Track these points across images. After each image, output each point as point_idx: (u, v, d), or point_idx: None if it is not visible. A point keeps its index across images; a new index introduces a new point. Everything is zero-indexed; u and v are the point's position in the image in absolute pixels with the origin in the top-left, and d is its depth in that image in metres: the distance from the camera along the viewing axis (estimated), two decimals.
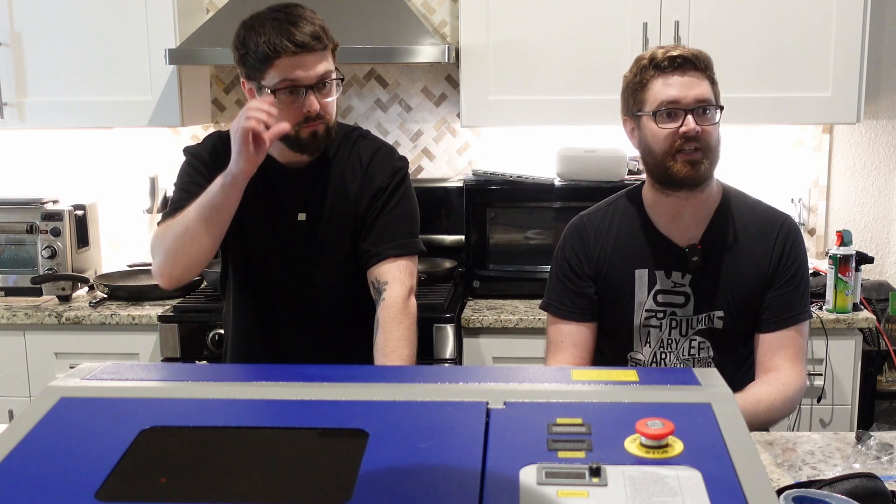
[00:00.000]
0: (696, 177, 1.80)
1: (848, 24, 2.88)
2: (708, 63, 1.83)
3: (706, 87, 1.80)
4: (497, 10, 2.96)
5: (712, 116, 1.81)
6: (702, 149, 1.79)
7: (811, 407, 2.83)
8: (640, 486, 0.90)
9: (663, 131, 1.80)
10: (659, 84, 1.80)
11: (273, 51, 1.77)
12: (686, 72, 1.79)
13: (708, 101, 1.80)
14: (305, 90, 1.80)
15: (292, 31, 1.78)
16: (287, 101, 1.81)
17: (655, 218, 1.92)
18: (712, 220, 1.90)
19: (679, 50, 1.81)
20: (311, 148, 1.88)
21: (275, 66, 1.79)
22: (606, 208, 2.00)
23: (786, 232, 1.90)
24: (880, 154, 3.32)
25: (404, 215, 1.97)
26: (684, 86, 1.78)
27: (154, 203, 3.38)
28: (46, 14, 3.07)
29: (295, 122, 1.83)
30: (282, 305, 2.03)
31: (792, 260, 1.89)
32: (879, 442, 1.65)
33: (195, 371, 1.33)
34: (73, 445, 1.02)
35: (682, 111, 1.78)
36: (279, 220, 1.97)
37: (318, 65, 1.81)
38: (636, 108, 1.85)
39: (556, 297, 1.99)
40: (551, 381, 1.17)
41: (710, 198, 1.90)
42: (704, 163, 1.80)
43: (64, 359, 2.94)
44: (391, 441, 1.00)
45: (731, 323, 1.89)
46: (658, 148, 1.81)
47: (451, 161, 3.40)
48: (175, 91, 3.08)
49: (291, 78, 1.79)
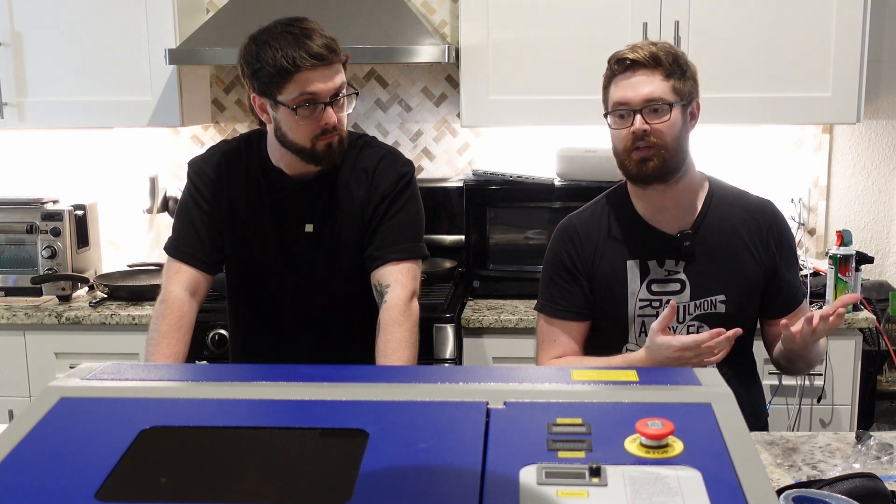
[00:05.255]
0: (648, 173, 1.85)
1: (848, 24, 2.87)
2: (661, 59, 1.83)
3: (657, 84, 1.83)
4: (497, 10, 2.96)
5: (664, 114, 1.83)
6: (654, 146, 1.83)
7: (811, 407, 2.83)
8: (640, 486, 0.90)
9: (616, 132, 1.87)
10: (612, 86, 1.88)
11: (293, 64, 1.77)
12: (636, 72, 1.84)
13: (658, 100, 1.82)
14: (324, 104, 1.81)
15: (308, 44, 1.78)
16: (306, 115, 1.82)
17: (643, 210, 1.96)
18: (702, 208, 1.94)
19: (634, 53, 1.83)
20: (326, 160, 1.89)
21: (294, 80, 1.79)
22: (594, 207, 2.03)
23: (774, 219, 1.98)
24: (880, 154, 3.32)
25: (408, 220, 1.97)
26: (632, 86, 1.83)
27: (154, 203, 3.38)
28: (46, 14, 3.07)
29: (312, 134, 1.84)
30: (286, 314, 2.03)
31: (785, 243, 1.97)
32: (879, 442, 1.65)
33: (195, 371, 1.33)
34: (73, 445, 1.02)
35: (632, 111, 1.83)
36: (286, 232, 1.98)
37: (335, 77, 1.82)
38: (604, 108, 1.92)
39: (549, 297, 2.01)
40: (551, 381, 1.17)
41: (689, 188, 1.93)
42: (655, 159, 1.84)
43: (64, 359, 2.94)
44: (391, 441, 1.00)
45: (734, 307, 1.92)
46: (616, 147, 1.89)
47: (451, 161, 3.40)
48: (175, 91, 3.08)
49: (310, 91, 1.80)
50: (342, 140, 1.89)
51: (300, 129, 1.84)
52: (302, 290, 2.00)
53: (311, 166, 1.93)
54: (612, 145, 1.91)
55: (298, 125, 1.83)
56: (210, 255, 1.97)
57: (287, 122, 1.85)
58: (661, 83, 1.83)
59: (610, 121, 1.88)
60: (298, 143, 1.86)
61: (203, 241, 1.96)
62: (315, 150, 1.86)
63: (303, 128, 1.83)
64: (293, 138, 1.86)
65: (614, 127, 1.87)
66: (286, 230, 1.98)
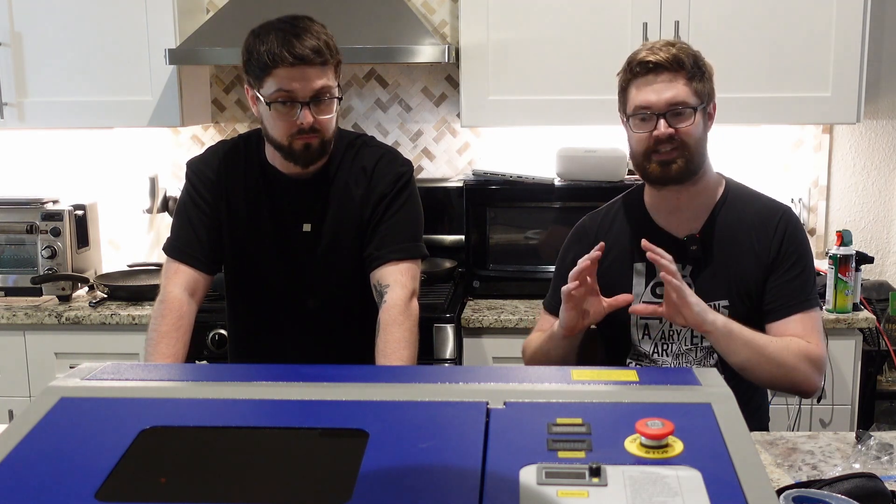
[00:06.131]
0: (670, 176, 1.85)
1: (848, 24, 2.87)
2: (684, 63, 1.82)
3: (680, 88, 1.82)
4: (497, 10, 2.96)
5: (688, 117, 1.83)
6: (677, 148, 1.83)
7: (811, 407, 2.83)
8: (640, 486, 0.90)
9: (637, 135, 1.86)
10: (633, 89, 1.86)
11: (272, 60, 1.79)
12: (659, 75, 1.82)
13: (681, 103, 1.82)
14: (301, 104, 1.82)
15: (294, 43, 1.79)
16: (282, 112, 1.83)
17: (655, 213, 1.95)
18: (713, 211, 1.93)
19: (656, 55, 1.82)
20: (303, 159, 1.90)
21: (272, 75, 1.81)
22: (610, 207, 2.04)
23: (785, 221, 1.92)
24: (880, 154, 3.32)
25: (407, 219, 1.97)
26: (656, 90, 1.82)
27: (154, 203, 3.38)
28: (46, 14, 3.07)
29: (288, 132, 1.85)
30: (285, 314, 2.03)
31: (793, 248, 1.90)
32: (879, 442, 1.65)
33: (195, 371, 1.33)
34: (73, 445, 1.02)
35: (654, 115, 1.82)
36: (283, 232, 1.98)
37: (316, 80, 1.82)
38: (621, 109, 1.90)
39: (552, 293, 2.02)
40: (551, 381, 1.17)
41: (706, 190, 1.93)
42: (678, 161, 1.83)
43: (64, 359, 2.94)
44: (391, 441, 1.00)
45: (736, 313, 1.90)
46: (636, 150, 1.88)
47: (451, 161, 3.40)
48: (175, 91, 3.08)
49: (287, 89, 1.81)
50: (324, 143, 1.89)
51: (276, 126, 1.86)
52: (300, 290, 2.00)
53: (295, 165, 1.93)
54: (631, 148, 1.90)
55: (275, 122, 1.85)
56: (209, 255, 1.98)
57: (266, 116, 1.88)
58: (683, 87, 1.82)
59: (631, 124, 1.86)
60: (276, 139, 1.89)
61: (202, 242, 1.97)
62: (292, 149, 1.88)
63: (279, 125, 1.85)
64: (272, 133, 1.89)
65: (636, 130, 1.86)
66: (284, 230, 1.98)
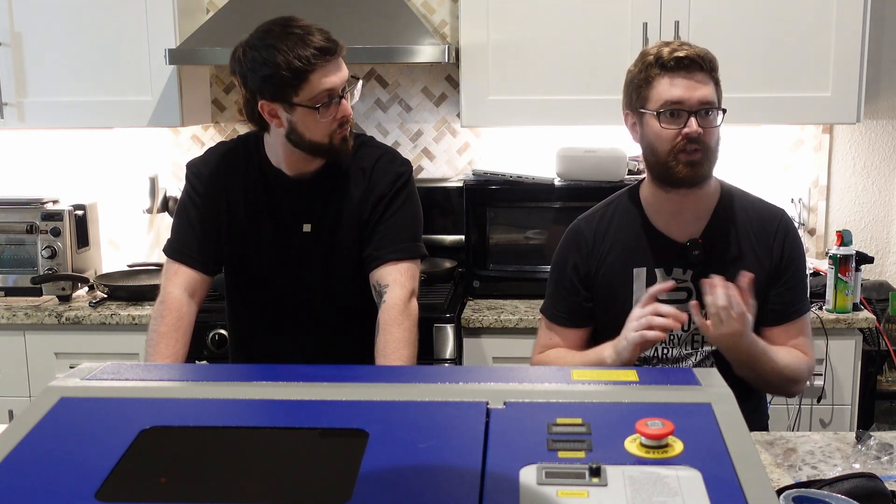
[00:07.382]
0: (696, 177, 1.82)
1: (848, 24, 2.87)
2: (713, 64, 1.83)
3: (710, 88, 1.81)
4: (497, 10, 2.96)
5: (714, 119, 1.82)
6: (702, 150, 1.80)
7: (811, 407, 2.83)
8: (640, 486, 0.90)
9: (666, 131, 1.80)
10: (664, 83, 1.80)
11: (307, 63, 1.77)
12: (692, 73, 1.80)
13: (711, 104, 1.81)
14: (339, 97, 1.84)
15: (313, 41, 1.79)
16: (329, 110, 1.83)
17: (654, 216, 1.93)
18: (713, 216, 1.92)
19: (685, 50, 1.80)
20: (343, 153, 1.92)
21: (310, 79, 1.79)
22: (604, 210, 2.00)
23: (784, 226, 1.93)
24: (880, 154, 3.32)
25: (406, 219, 1.97)
26: (689, 87, 1.79)
27: (154, 203, 3.38)
28: (46, 14, 3.07)
29: (330, 130, 1.86)
30: (285, 314, 2.03)
31: (793, 255, 1.92)
32: (879, 442, 1.65)
33: (195, 371, 1.33)
34: (73, 445, 1.02)
35: (685, 112, 1.79)
36: (283, 232, 1.98)
37: (342, 68, 1.85)
38: (639, 104, 1.85)
39: (552, 302, 2.01)
40: (551, 381, 1.17)
41: (708, 195, 1.92)
42: (705, 164, 1.82)
43: (64, 359, 2.94)
44: (391, 441, 1.00)
45: None
46: (661, 147, 1.82)
47: (451, 161, 3.40)
48: (175, 91, 3.08)
49: (328, 87, 1.81)
50: (352, 130, 1.92)
51: (320, 127, 1.84)
52: (300, 290, 2.00)
53: (312, 165, 1.94)
54: (652, 145, 1.83)
55: (319, 123, 1.84)
56: (208, 256, 1.98)
57: (305, 122, 1.84)
58: (711, 88, 1.81)
59: (657, 120, 1.80)
60: (316, 140, 1.87)
61: (201, 243, 1.97)
62: (333, 145, 1.88)
63: (322, 125, 1.84)
64: (311, 137, 1.86)
65: (664, 126, 1.80)
66: (284, 230, 1.98)
